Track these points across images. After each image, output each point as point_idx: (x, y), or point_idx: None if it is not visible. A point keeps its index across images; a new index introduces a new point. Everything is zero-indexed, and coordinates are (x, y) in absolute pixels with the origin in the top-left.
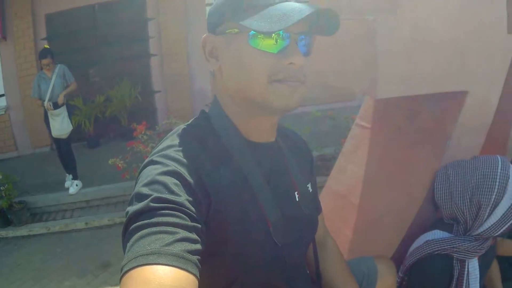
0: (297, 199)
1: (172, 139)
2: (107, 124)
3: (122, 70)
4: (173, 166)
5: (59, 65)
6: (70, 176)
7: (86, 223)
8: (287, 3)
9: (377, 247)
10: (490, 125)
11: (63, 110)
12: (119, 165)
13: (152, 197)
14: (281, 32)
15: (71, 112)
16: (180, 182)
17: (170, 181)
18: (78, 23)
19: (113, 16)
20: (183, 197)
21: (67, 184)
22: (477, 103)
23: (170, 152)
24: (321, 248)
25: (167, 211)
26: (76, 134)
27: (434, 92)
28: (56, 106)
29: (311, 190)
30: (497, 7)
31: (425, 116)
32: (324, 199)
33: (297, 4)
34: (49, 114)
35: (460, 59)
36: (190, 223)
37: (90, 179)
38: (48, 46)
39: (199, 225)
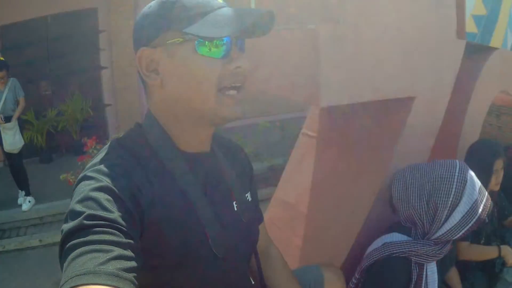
0: (236, 209)
1: (106, 153)
2: (59, 138)
3: (73, 83)
4: (106, 181)
5: (11, 79)
6: (23, 193)
7: (40, 240)
8: (225, 8)
9: (327, 255)
10: (439, 128)
11: (15, 125)
12: (71, 180)
13: (85, 214)
14: (225, 38)
15: (23, 127)
16: (113, 197)
17: (103, 197)
18: (31, 35)
19: (65, 28)
20: (116, 214)
21: (20, 200)
22: (425, 107)
23: (103, 166)
24: (265, 257)
25: (100, 229)
26: (28, 149)
27: (380, 99)
28: (8, 119)
29: (250, 200)
30: (445, 12)
31: (371, 123)
32: (273, 208)
33: (237, 9)
34: (1, 128)
35: (406, 65)
36: (124, 240)
37: (43, 195)
38: (3, 58)
39: (134, 242)
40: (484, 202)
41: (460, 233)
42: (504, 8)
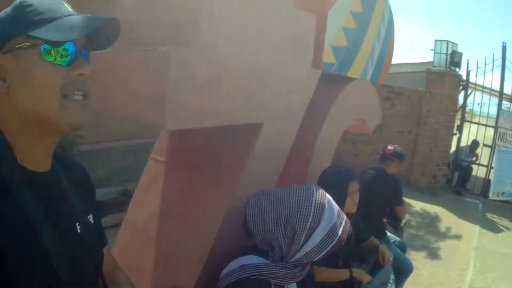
0: (79, 231)
1: None
2: None
3: None
4: None
5: None
6: None
7: None
8: (75, 16)
9: (178, 278)
10: (288, 154)
11: None
12: None
13: None
14: (71, 44)
15: None
16: None
17: None
18: None
19: None
20: None
21: None
22: (274, 133)
23: None
24: (111, 281)
25: None
26: None
27: (228, 124)
28: None
29: (92, 222)
30: (302, 42)
31: (219, 148)
32: (124, 233)
33: (84, 15)
34: None
35: (257, 91)
36: None
37: None
38: None
39: None
40: (344, 225)
41: (320, 256)
42: (368, 40)
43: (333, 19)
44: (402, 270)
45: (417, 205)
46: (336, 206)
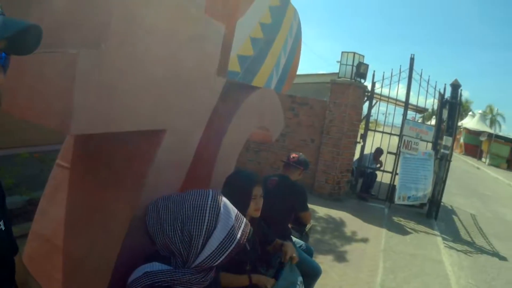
0: None
1: None
2: None
3: None
4: None
5: None
6: None
7: None
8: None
9: (88, 285)
10: (191, 161)
11: None
12: None
13: None
14: None
15: None
16: None
17: None
18: None
19: None
20: None
21: None
22: (177, 140)
23: None
24: None
25: None
26: None
27: (132, 130)
28: None
29: (3, 229)
30: (208, 50)
31: (123, 155)
32: (31, 243)
33: (6, 18)
34: None
35: (161, 98)
36: None
37: None
38: None
39: None
40: (243, 228)
41: (220, 259)
42: (274, 50)
43: (241, 29)
44: (310, 273)
45: (322, 211)
46: (234, 210)
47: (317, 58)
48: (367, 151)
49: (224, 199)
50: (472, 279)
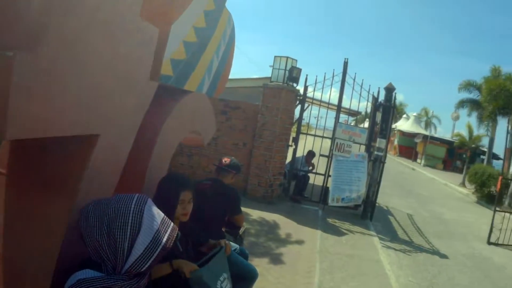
0: None
1: None
2: None
3: None
4: None
5: None
6: None
7: None
8: None
9: None
10: (123, 165)
11: None
12: None
13: None
14: None
15: None
16: None
17: None
18: None
19: None
20: None
21: None
22: (109, 145)
23: None
24: None
25: None
26: None
27: (66, 135)
28: None
29: None
30: (142, 54)
31: (58, 160)
32: None
33: None
34: None
35: (93, 102)
36: None
37: None
38: None
39: None
40: (169, 232)
41: (148, 264)
42: (207, 54)
43: (175, 32)
44: (247, 277)
45: (255, 214)
46: (160, 214)
47: (251, 63)
48: (299, 154)
49: (150, 204)
50: (412, 277)
